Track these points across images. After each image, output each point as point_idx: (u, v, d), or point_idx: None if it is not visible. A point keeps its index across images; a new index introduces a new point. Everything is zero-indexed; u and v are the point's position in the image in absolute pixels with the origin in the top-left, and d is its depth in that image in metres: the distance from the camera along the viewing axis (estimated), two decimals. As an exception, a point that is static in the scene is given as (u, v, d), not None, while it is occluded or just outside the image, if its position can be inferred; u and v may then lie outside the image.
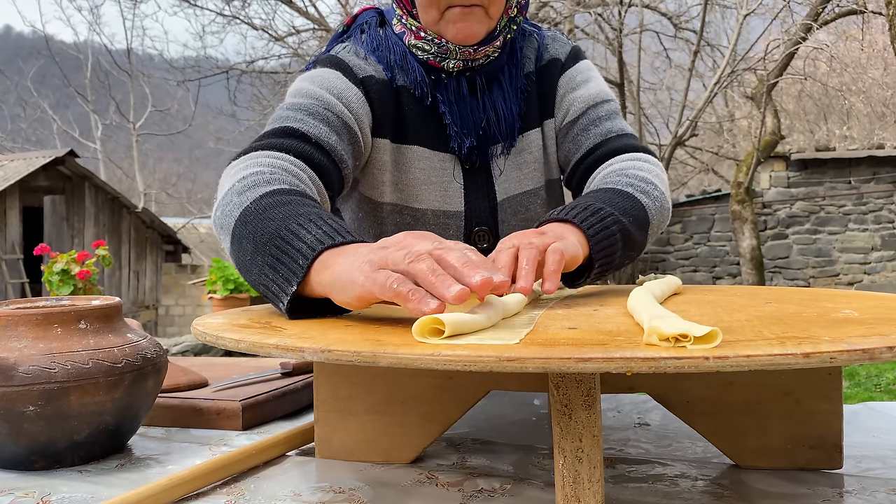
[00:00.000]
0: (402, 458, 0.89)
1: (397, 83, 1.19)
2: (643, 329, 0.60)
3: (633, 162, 1.16)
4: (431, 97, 1.18)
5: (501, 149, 1.22)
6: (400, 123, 1.19)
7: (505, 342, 0.58)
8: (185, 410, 1.06)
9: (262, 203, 0.85)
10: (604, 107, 1.25)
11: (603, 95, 1.26)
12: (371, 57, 1.19)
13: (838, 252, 10.78)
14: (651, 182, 1.11)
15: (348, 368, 0.89)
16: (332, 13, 11.89)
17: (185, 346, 6.30)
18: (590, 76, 1.28)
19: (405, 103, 1.19)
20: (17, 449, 0.87)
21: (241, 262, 0.86)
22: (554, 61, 1.26)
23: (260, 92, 12.74)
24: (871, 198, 10.66)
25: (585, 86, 1.26)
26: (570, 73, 1.26)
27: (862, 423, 1.05)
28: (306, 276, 0.75)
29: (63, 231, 11.50)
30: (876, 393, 5.73)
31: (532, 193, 1.26)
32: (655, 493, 0.78)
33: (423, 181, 1.20)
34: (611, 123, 1.24)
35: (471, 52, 1.14)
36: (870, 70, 12.11)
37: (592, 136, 1.23)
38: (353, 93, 1.14)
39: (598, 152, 1.22)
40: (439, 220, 1.21)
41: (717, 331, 0.54)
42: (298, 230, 0.79)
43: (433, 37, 1.15)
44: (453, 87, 1.18)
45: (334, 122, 1.10)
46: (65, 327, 0.89)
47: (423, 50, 1.16)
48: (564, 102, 1.25)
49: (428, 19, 1.13)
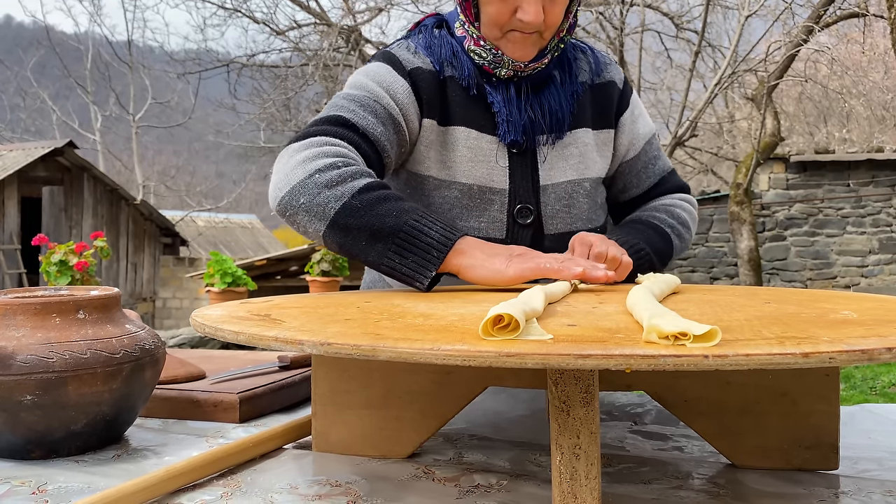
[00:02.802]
0: (398, 453, 0.89)
1: (445, 75, 1.31)
2: (642, 327, 0.60)
3: (681, 203, 1.43)
4: (478, 88, 1.30)
5: (547, 139, 1.32)
6: (447, 108, 1.30)
7: (541, 337, 0.59)
8: (183, 402, 1.06)
9: (362, 199, 1.08)
10: (654, 143, 1.45)
11: (652, 129, 1.45)
12: (422, 52, 1.32)
13: (836, 255, 10.79)
14: (688, 226, 1.40)
15: (346, 362, 0.89)
16: (333, 8, 11.88)
17: (182, 338, 6.29)
18: (641, 108, 1.46)
19: (452, 91, 1.31)
20: (14, 438, 0.87)
21: (351, 245, 1.09)
22: (612, 84, 1.41)
23: (260, 86, 12.72)
24: (869, 201, 10.67)
25: (642, 120, 1.44)
26: (630, 105, 1.43)
27: (858, 424, 1.05)
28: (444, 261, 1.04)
29: (61, 222, 11.49)
30: (872, 395, 5.74)
31: (575, 183, 1.34)
32: (652, 492, 0.78)
33: (470, 159, 1.29)
34: (662, 162, 1.46)
35: (521, 67, 1.28)
36: (870, 73, 12.11)
37: (653, 175, 1.44)
38: (399, 84, 1.27)
39: (658, 190, 1.45)
40: (484, 195, 1.29)
41: (716, 329, 0.54)
42: (418, 226, 1.06)
43: (491, 47, 1.27)
44: (501, 88, 1.31)
45: (381, 113, 1.24)
46: (63, 317, 0.89)
47: (479, 56, 1.30)
48: (630, 134, 1.42)
49: (490, 35, 1.26)
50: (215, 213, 20.30)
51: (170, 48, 16.66)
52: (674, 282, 1.02)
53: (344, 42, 10.82)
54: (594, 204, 1.37)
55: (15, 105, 24.90)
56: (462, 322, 0.69)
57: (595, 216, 1.36)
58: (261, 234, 22.94)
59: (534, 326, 0.62)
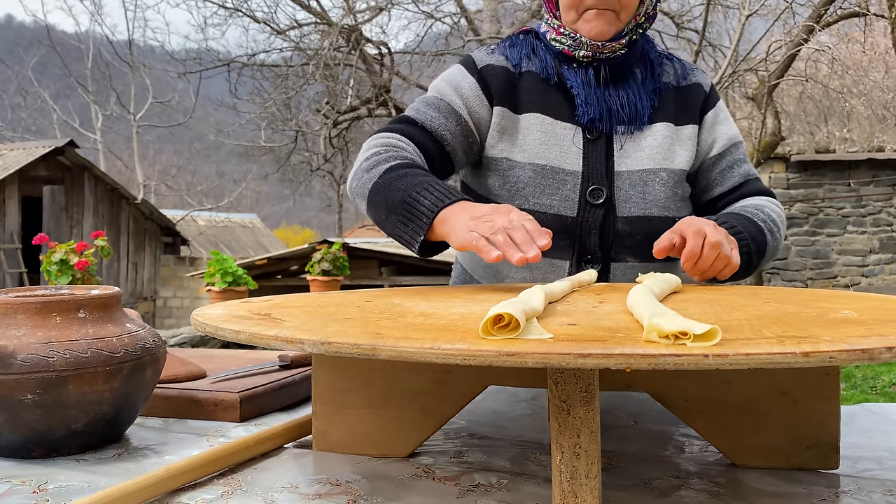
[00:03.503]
0: (399, 452, 0.89)
1: (522, 70, 1.41)
2: (643, 326, 0.60)
3: (769, 204, 1.42)
4: (558, 77, 1.39)
5: (625, 129, 1.38)
6: (520, 97, 1.40)
7: (541, 336, 0.59)
8: (183, 401, 1.06)
9: (385, 178, 1.22)
10: (740, 148, 1.48)
11: (739, 136, 1.49)
12: (499, 52, 1.44)
13: (836, 254, 10.79)
14: (778, 226, 1.39)
15: (347, 362, 0.89)
16: (333, 7, 11.86)
17: (183, 337, 6.30)
18: (728, 115, 1.50)
19: (527, 83, 1.41)
20: (15, 437, 0.87)
21: (378, 219, 1.24)
22: (698, 86, 1.47)
23: (261, 85, 12.70)
24: (870, 200, 10.66)
25: (727, 123, 1.48)
26: (715, 106, 1.47)
27: (858, 424, 1.05)
28: (430, 228, 1.12)
29: (62, 221, 11.49)
30: (872, 395, 5.74)
31: (651, 172, 1.37)
32: (652, 491, 0.78)
33: (543, 142, 1.37)
34: (748, 167, 1.49)
35: (599, 47, 1.35)
36: (871, 73, 12.10)
37: (737, 177, 1.46)
38: (468, 81, 1.41)
39: (741, 192, 1.46)
40: (557, 175, 1.35)
41: (716, 329, 0.54)
42: (418, 196, 1.15)
43: (570, 32, 1.37)
44: (581, 73, 1.39)
45: (443, 108, 1.39)
46: (64, 316, 0.89)
47: (560, 42, 1.39)
48: (713, 132, 1.45)
49: (568, 19, 1.37)
50: (216, 213, 20.29)
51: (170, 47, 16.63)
52: (674, 281, 1.02)
53: (344, 41, 10.81)
54: (673, 195, 1.38)
55: (16, 104, 24.89)
56: (462, 321, 0.69)
57: (673, 206, 1.37)
58: (261, 234, 22.94)
59: (534, 326, 0.62)
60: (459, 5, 10.91)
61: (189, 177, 24.41)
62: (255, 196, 30.16)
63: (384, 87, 10.95)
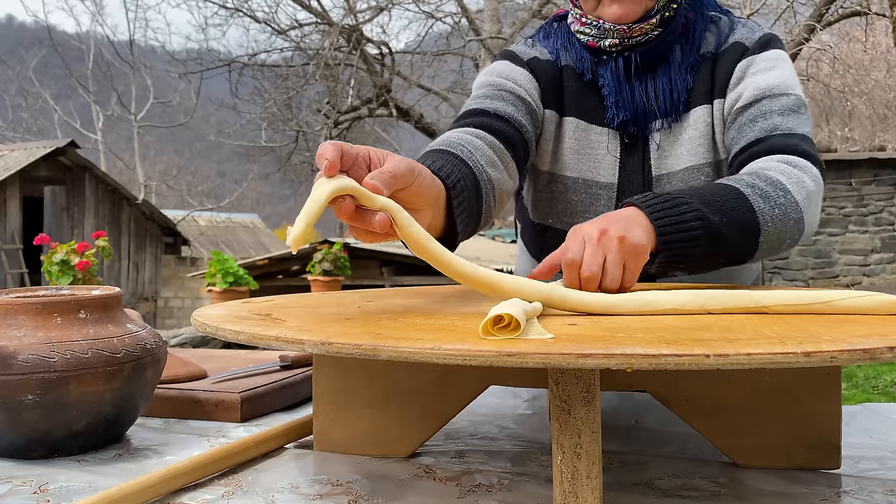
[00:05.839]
0: (400, 452, 0.89)
1: (561, 63, 1.28)
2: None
3: (778, 164, 1.08)
4: (592, 73, 1.25)
5: (661, 124, 1.23)
6: (563, 98, 1.27)
7: (542, 336, 0.59)
8: (184, 402, 1.06)
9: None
10: (781, 100, 1.16)
11: (783, 88, 1.17)
12: (539, 44, 1.31)
13: (838, 254, 10.78)
14: (782, 186, 1.03)
15: (347, 362, 0.89)
16: (334, 7, 11.87)
17: (184, 338, 6.30)
18: (776, 65, 1.20)
19: (567, 79, 1.27)
20: (16, 438, 0.87)
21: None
22: (737, 45, 1.23)
23: (262, 85, 12.72)
24: (871, 200, 10.65)
25: (766, 73, 1.19)
26: (753, 58, 1.21)
27: (860, 423, 1.05)
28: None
29: (63, 221, 11.49)
30: (874, 395, 5.74)
31: (695, 169, 1.22)
32: (653, 491, 0.78)
33: (576, 151, 1.25)
34: (782, 119, 1.15)
35: (625, 31, 1.19)
36: (872, 72, 12.10)
37: (757, 130, 1.15)
38: (519, 73, 1.26)
39: (756, 149, 1.14)
40: (590, 189, 1.25)
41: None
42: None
43: (592, 20, 1.22)
44: (612, 66, 1.23)
45: (508, 98, 1.22)
46: (65, 316, 0.89)
47: (584, 33, 1.25)
48: (740, 86, 1.20)
49: (587, 7, 1.22)
50: (217, 213, 20.32)
51: (171, 48, 16.66)
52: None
53: (345, 41, 10.82)
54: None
55: (17, 105, 24.93)
56: (463, 321, 0.69)
57: None
58: (262, 234, 22.96)
59: (534, 326, 0.62)
60: (460, 5, 10.91)
61: (190, 177, 24.44)
62: (255, 196, 30.18)
63: (385, 87, 10.96)
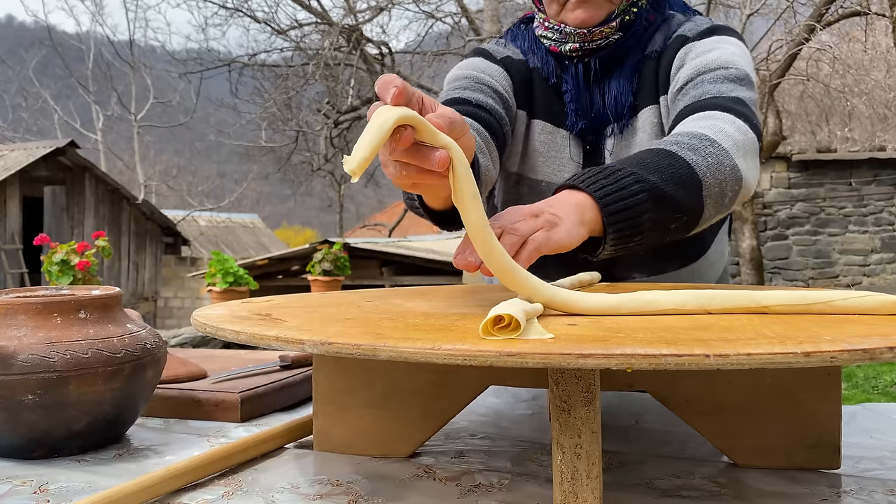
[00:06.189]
0: (400, 452, 0.89)
1: (530, 65, 1.29)
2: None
3: (697, 121, 1.03)
4: (557, 77, 1.26)
5: (612, 130, 1.24)
6: (532, 99, 1.28)
7: (541, 336, 0.58)
8: (184, 402, 1.06)
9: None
10: (717, 72, 1.11)
11: (721, 63, 1.12)
12: (511, 44, 1.32)
13: (838, 254, 10.78)
14: (707, 138, 0.97)
15: (347, 362, 0.89)
16: (334, 7, 11.87)
17: (184, 338, 6.30)
18: (717, 47, 1.15)
19: (535, 81, 1.29)
20: (16, 438, 0.87)
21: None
22: (678, 38, 1.21)
23: (262, 85, 12.72)
24: (871, 200, 10.65)
25: (705, 55, 1.15)
26: (693, 44, 1.18)
27: (860, 423, 1.05)
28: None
29: (63, 222, 11.49)
30: (874, 395, 5.74)
31: None
32: (653, 491, 0.78)
33: (542, 153, 1.27)
34: (713, 86, 1.09)
35: (586, 35, 1.21)
36: (872, 72, 12.10)
37: (687, 99, 1.11)
38: (495, 69, 1.27)
39: (683, 117, 1.08)
40: (553, 192, 1.22)
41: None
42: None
43: (555, 24, 1.24)
44: (572, 72, 1.25)
45: (486, 91, 1.22)
46: (64, 316, 0.89)
47: (546, 38, 1.26)
48: (679, 73, 1.17)
49: (551, 12, 1.23)
50: (217, 213, 20.33)
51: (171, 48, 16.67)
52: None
53: (345, 41, 10.82)
54: None
55: (17, 105, 24.93)
56: (463, 321, 0.69)
57: None
58: (262, 234, 22.95)
59: (534, 326, 0.62)
60: (460, 5, 10.92)
61: (190, 177, 24.43)
62: (255, 196, 30.17)
63: (385, 87, 10.92)
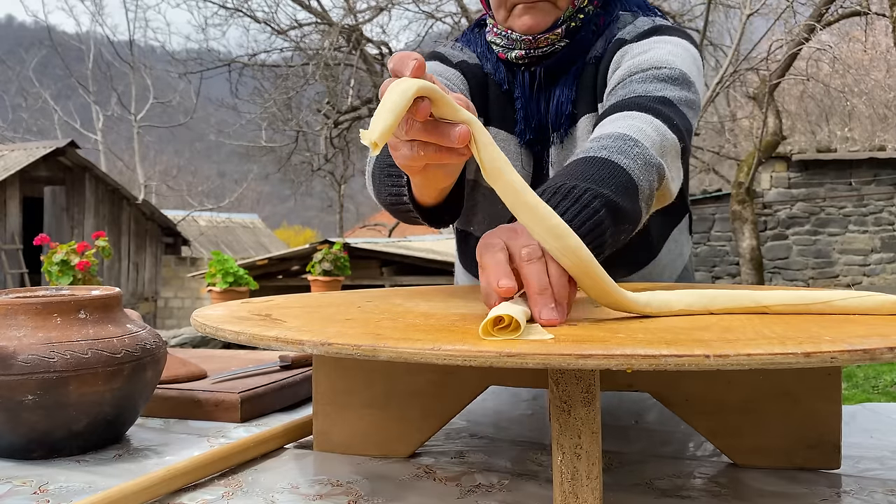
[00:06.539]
0: (400, 452, 0.89)
1: (485, 70, 1.26)
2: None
3: (616, 122, 0.97)
4: (509, 83, 1.24)
5: (553, 139, 1.22)
6: (487, 105, 1.26)
7: (542, 337, 0.58)
8: (184, 402, 1.06)
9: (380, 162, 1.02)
10: (648, 72, 1.06)
11: (655, 62, 1.06)
12: (466, 49, 1.29)
13: (838, 253, 10.78)
14: (629, 138, 0.90)
15: (347, 362, 0.89)
16: (334, 7, 11.87)
17: (184, 338, 6.30)
18: (653, 48, 1.10)
19: (490, 87, 1.26)
20: (16, 438, 0.87)
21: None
22: (617, 41, 1.17)
23: (262, 85, 12.72)
24: (871, 200, 10.66)
25: (639, 56, 1.10)
26: (629, 47, 1.13)
27: (860, 423, 1.04)
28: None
29: (63, 222, 11.48)
30: (874, 395, 5.74)
31: None
32: (653, 492, 0.78)
33: None
34: (641, 86, 1.03)
35: (531, 41, 1.18)
36: (872, 72, 12.11)
37: (612, 101, 1.06)
38: (451, 73, 1.23)
39: (602, 118, 1.03)
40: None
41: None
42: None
43: (503, 31, 1.21)
44: (519, 79, 1.23)
45: (449, 87, 1.15)
46: (64, 317, 0.88)
47: (496, 44, 1.23)
48: (612, 77, 1.13)
49: (499, 18, 1.20)
50: (217, 213, 20.33)
51: (171, 48, 16.66)
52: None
53: (345, 41, 10.82)
54: None
55: (17, 105, 24.92)
56: (463, 322, 0.69)
57: None
58: (262, 234, 22.95)
59: (535, 326, 0.62)
60: (460, 5, 10.91)
61: (190, 177, 24.43)
62: (255, 196, 30.17)
63: (385, 87, 10.93)
